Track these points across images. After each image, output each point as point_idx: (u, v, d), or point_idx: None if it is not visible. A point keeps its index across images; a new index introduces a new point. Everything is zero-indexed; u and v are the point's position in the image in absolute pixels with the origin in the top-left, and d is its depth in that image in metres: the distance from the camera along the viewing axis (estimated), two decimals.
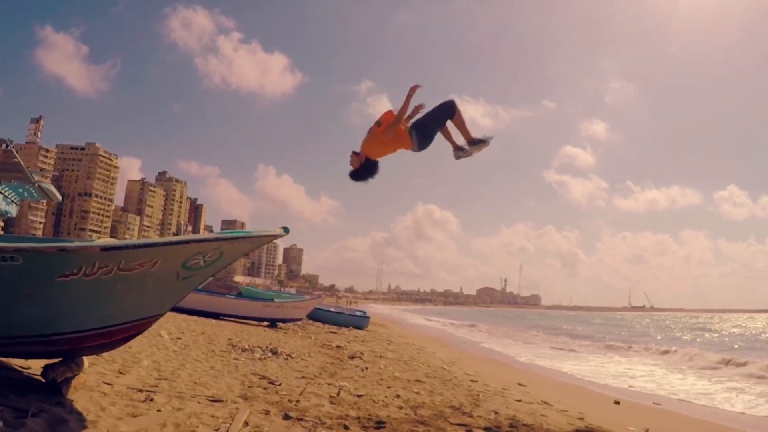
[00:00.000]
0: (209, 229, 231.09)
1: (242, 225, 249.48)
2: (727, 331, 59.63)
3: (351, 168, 7.32)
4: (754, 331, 62.00)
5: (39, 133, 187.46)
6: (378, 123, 7.14)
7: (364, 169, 7.24)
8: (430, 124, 7.23)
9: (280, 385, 9.17)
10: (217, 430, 5.88)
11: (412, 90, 7.03)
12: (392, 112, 7.16)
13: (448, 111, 7.25)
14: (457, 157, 7.33)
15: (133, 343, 7.35)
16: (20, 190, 22.74)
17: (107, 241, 5.66)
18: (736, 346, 36.38)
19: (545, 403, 10.58)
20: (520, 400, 10.56)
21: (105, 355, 7.70)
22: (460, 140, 7.40)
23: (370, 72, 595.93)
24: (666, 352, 28.07)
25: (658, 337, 46.52)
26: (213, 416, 6.39)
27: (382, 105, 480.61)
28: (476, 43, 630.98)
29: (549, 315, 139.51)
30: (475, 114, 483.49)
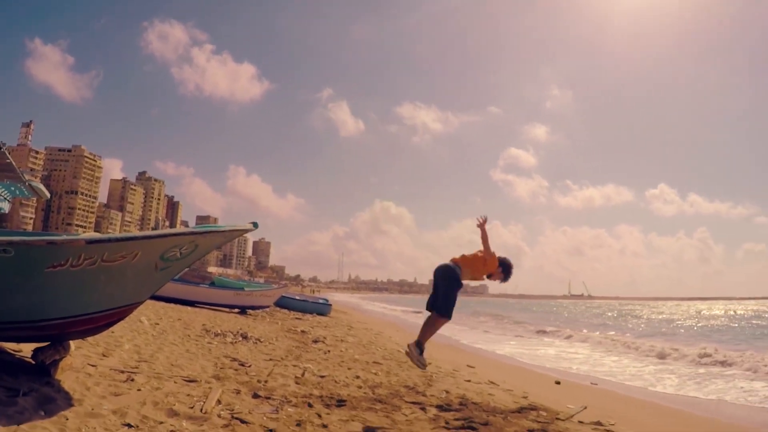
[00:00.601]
0: (185, 224, 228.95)
1: (215, 220, 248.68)
2: (655, 318, 60.35)
3: (500, 280, 7.56)
4: (677, 317, 63.03)
5: (29, 137, 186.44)
6: (485, 259, 7.31)
7: (507, 273, 7.46)
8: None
9: (249, 366, 9.21)
10: (192, 407, 5.94)
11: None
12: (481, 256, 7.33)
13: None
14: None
15: (115, 328, 7.35)
16: (12, 188, 22.62)
17: (92, 235, 5.68)
18: (663, 330, 36.86)
19: (492, 383, 10.72)
20: (469, 381, 10.70)
21: (90, 339, 7.68)
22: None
23: (330, 80, 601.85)
24: (593, 336, 28.41)
25: (594, 322, 47.03)
26: (188, 395, 6.45)
27: (342, 111, 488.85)
28: (428, 54, 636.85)
29: (493, 303, 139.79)
30: (426, 119, 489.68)
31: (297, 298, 32.44)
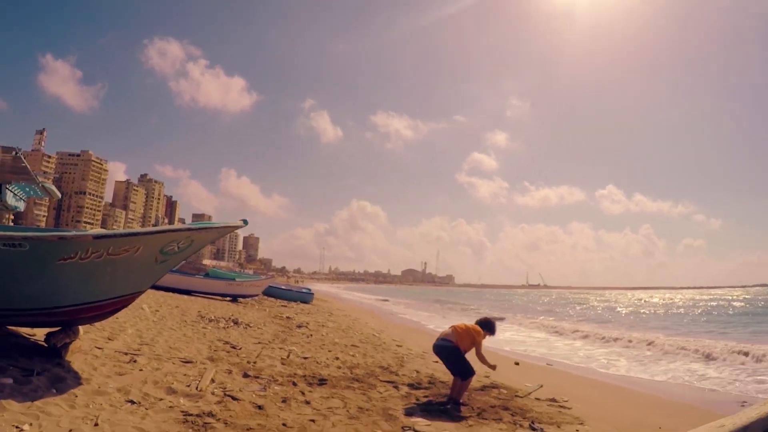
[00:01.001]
0: (182, 221, 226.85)
1: (209, 218, 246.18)
2: (602, 305, 60.23)
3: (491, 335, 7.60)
4: (621, 304, 63.31)
5: (42, 143, 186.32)
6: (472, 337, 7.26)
7: (491, 329, 7.64)
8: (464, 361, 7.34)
9: (240, 349, 9.24)
10: (188, 386, 6.00)
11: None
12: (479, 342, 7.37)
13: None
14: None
15: (119, 314, 7.36)
16: (27, 189, 22.81)
17: (98, 231, 5.68)
18: (610, 317, 36.95)
19: None
20: (437, 362, 10.68)
21: (97, 324, 7.69)
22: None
23: (312, 92, 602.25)
24: (546, 321, 28.50)
25: (547, 309, 47.10)
26: (185, 375, 6.50)
27: (323, 119, 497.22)
28: (400, 68, 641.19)
29: (457, 292, 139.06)
30: (399, 126, 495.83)
31: (282, 287, 32.35)
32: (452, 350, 7.19)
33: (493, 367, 7.33)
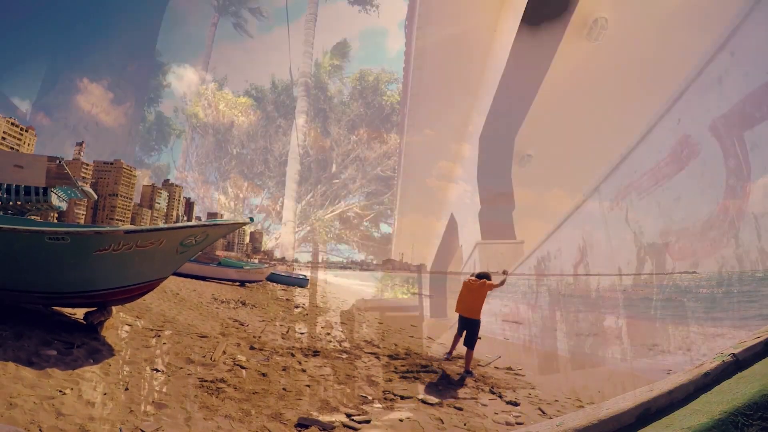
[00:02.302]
0: (198, 219, 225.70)
1: (221, 216, 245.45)
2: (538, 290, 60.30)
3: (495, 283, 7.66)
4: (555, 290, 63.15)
5: (82, 153, 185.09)
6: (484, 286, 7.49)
7: (489, 276, 7.70)
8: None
9: (247, 326, 9.22)
10: (204, 357, 5.99)
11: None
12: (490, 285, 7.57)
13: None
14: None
15: (146, 296, 7.31)
16: (69, 192, 22.82)
17: (128, 226, 5.66)
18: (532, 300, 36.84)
19: (429, 338, 10.83)
20: (412, 336, 10.80)
21: (127, 305, 7.62)
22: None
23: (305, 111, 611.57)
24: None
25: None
26: (201, 347, 6.49)
27: (314, 134, 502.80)
28: None
29: (421, 278, 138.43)
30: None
31: (283, 274, 32.22)
32: (475, 324, 7.42)
33: (503, 280, 7.75)
